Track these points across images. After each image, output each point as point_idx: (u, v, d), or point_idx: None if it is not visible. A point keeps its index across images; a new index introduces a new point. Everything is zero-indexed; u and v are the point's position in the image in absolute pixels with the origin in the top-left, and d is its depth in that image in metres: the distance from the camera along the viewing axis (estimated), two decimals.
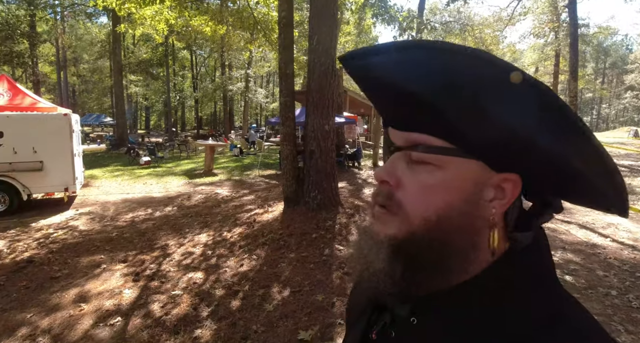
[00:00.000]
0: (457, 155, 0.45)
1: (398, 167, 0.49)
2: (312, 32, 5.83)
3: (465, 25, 19.67)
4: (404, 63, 0.44)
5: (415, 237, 0.46)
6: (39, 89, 23.78)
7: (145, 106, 42.78)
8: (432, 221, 0.45)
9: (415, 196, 0.47)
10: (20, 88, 8.69)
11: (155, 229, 6.00)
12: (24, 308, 3.48)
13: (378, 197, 0.50)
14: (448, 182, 0.45)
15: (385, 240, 0.48)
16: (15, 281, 4.08)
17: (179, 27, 10.89)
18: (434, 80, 0.42)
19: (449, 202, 0.45)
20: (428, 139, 0.45)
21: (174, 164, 14.65)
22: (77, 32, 31.15)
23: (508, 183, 0.46)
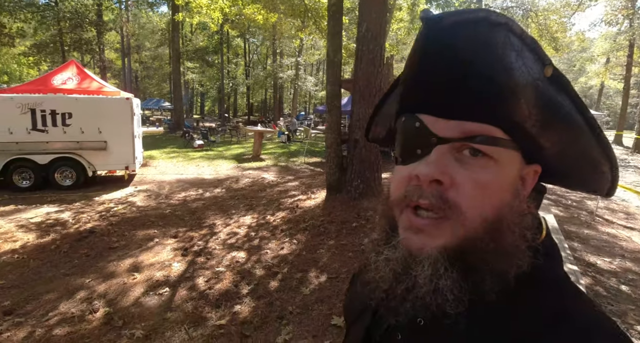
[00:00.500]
0: (511, 148, 0.44)
1: (447, 163, 0.43)
2: (362, 19, 5.75)
3: (529, 11, 18.25)
4: (500, 47, 0.40)
5: (472, 242, 0.42)
6: (105, 74, 25.58)
7: (201, 92, 44.61)
8: (489, 221, 0.42)
9: (473, 195, 0.42)
10: (88, 73, 9.43)
11: (204, 209, 6.33)
12: (83, 274, 3.86)
13: (422, 200, 0.43)
14: (503, 177, 0.43)
15: (434, 253, 0.43)
16: (78, 249, 4.52)
17: (233, 15, 11.18)
18: (522, 70, 0.41)
19: (503, 198, 0.43)
20: (489, 129, 0.42)
21: (225, 148, 15.24)
22: (140, 21, 32.96)
23: (530, 174, 0.47)
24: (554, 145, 0.45)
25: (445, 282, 0.42)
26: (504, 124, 0.42)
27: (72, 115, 7.41)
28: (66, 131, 7.41)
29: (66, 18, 22.38)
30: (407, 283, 0.44)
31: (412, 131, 0.46)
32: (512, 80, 0.40)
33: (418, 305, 0.43)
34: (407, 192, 0.45)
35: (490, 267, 0.42)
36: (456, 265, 0.42)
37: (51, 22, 22.70)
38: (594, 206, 6.84)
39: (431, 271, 0.42)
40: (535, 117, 0.43)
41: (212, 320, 3.08)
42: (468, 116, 0.42)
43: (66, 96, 7.84)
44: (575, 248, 4.82)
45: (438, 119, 0.43)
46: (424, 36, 0.41)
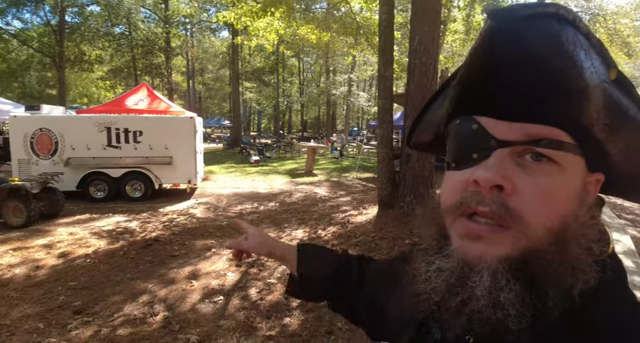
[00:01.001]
0: (576, 154, 0.41)
1: (508, 167, 0.40)
2: (414, 32, 5.71)
3: (596, 16, 16.97)
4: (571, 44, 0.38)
5: (536, 253, 0.39)
6: (172, 95, 27.73)
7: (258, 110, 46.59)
8: (554, 231, 0.39)
9: (537, 203, 0.39)
10: (157, 94, 10.33)
11: (259, 221, 6.52)
12: (147, 279, 4.13)
13: (481, 206, 0.40)
14: (568, 185, 0.41)
15: (494, 263, 0.40)
16: (143, 256, 4.86)
17: (288, 36, 11.67)
18: (591, 70, 0.38)
19: (569, 207, 0.41)
20: (555, 132, 0.40)
21: (279, 163, 15.69)
22: (203, 46, 35.48)
23: (592, 183, 0.45)
24: (620, 152, 0.43)
25: (507, 295, 0.38)
26: (571, 127, 0.40)
27: (142, 133, 8.10)
28: (137, 147, 8.10)
29: (139, 45, 24.86)
30: (462, 295, 0.41)
31: (468, 134, 0.43)
32: (582, 80, 0.38)
33: (475, 319, 0.41)
34: (463, 198, 0.42)
35: (554, 281, 0.39)
36: (519, 277, 0.39)
37: (126, 50, 25.35)
38: None
39: (490, 282, 0.39)
40: (603, 120, 0.40)
41: (262, 330, 3.13)
42: (533, 118, 0.40)
43: (137, 116, 8.62)
44: None
45: (499, 121, 0.41)
46: (492, 30, 0.38)
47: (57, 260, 4.68)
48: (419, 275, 0.47)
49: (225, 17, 9.39)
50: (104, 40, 24.25)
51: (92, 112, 9.38)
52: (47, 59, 24.32)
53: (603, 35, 16.42)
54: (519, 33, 0.37)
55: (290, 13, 9.82)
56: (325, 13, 11.22)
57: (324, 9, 11.74)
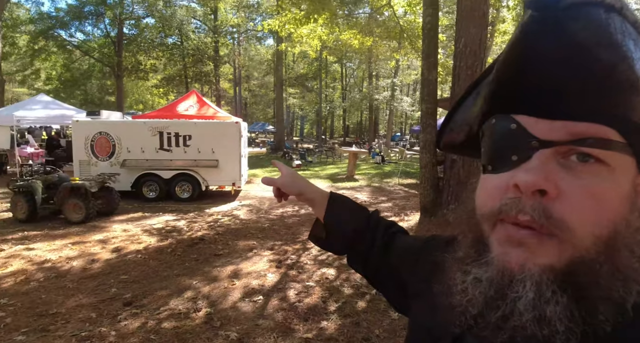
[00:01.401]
0: (625, 152, 0.37)
1: (551, 169, 0.37)
2: (459, 34, 5.56)
3: None
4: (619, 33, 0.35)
5: (584, 263, 0.36)
6: (219, 102, 28.93)
7: (300, 116, 47.33)
8: (603, 239, 0.36)
9: (584, 209, 0.36)
10: (206, 101, 10.83)
11: (299, 225, 6.59)
12: (192, 276, 4.31)
13: (522, 215, 0.37)
14: (619, 187, 0.37)
15: (538, 272, 0.37)
16: (189, 253, 5.07)
17: (331, 42, 11.79)
18: (634, 58, 0.35)
19: (620, 212, 0.37)
20: (602, 130, 0.36)
21: (320, 168, 15.79)
22: (249, 54, 36.66)
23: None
24: None
25: (553, 309, 0.35)
26: (620, 124, 0.36)
27: (191, 137, 8.50)
28: (186, 151, 8.51)
29: (189, 54, 26.22)
30: (504, 310, 0.38)
31: (506, 134, 0.40)
32: (632, 72, 0.34)
33: (519, 337, 0.37)
34: (503, 205, 0.39)
35: (605, 293, 0.36)
36: (565, 288, 0.36)
37: (178, 59, 26.83)
38: None
39: (534, 294, 0.36)
40: None
41: (300, 332, 3.16)
42: (578, 115, 0.36)
43: (187, 121, 9.08)
44: None
45: (539, 119, 0.38)
46: (532, 20, 0.35)
47: (111, 255, 5.01)
48: (454, 285, 0.44)
49: (270, 25, 9.68)
50: (158, 50, 25.89)
51: (146, 118, 10.03)
52: (107, 68, 26.32)
53: None
54: (562, 23, 0.34)
55: (333, 19, 9.92)
56: (368, 18, 11.22)
57: (367, 14, 11.75)
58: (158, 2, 23.38)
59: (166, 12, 24.10)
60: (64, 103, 14.64)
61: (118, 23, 24.00)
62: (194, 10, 27.40)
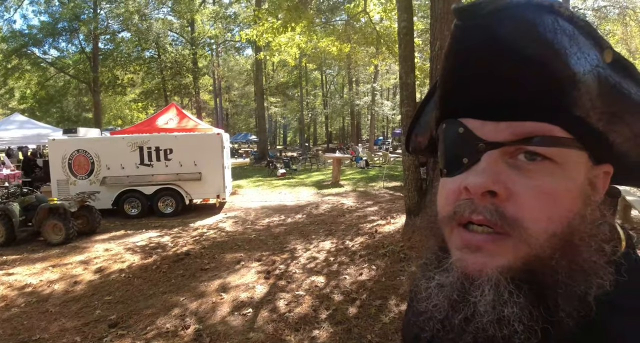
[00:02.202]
0: (575, 148, 0.38)
1: (500, 170, 0.37)
2: (434, 38, 5.67)
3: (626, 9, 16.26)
4: (550, 31, 0.35)
5: (541, 261, 0.37)
6: (200, 113, 28.72)
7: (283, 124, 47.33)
8: (558, 236, 0.36)
9: (535, 207, 0.36)
10: (186, 113, 10.72)
11: (286, 234, 6.54)
12: (178, 292, 4.22)
13: (475, 215, 0.38)
14: (570, 183, 0.38)
15: (496, 275, 0.37)
16: (175, 269, 4.97)
17: (309, 49, 11.86)
18: (578, 56, 0.35)
19: (573, 207, 0.37)
20: (547, 128, 0.37)
21: (306, 175, 15.77)
22: (228, 64, 36.58)
23: (600, 177, 0.42)
24: (626, 140, 0.39)
25: (511, 309, 0.35)
26: (564, 121, 0.37)
27: (172, 150, 8.39)
28: (168, 165, 8.39)
29: (168, 67, 26.03)
30: (465, 312, 0.38)
31: (456, 138, 0.41)
32: (568, 68, 0.35)
33: (481, 338, 0.38)
34: (456, 207, 0.40)
35: (564, 288, 0.36)
36: (523, 288, 0.36)
37: (156, 72, 26.62)
38: None
39: (493, 296, 0.36)
40: (600, 109, 0.37)
41: None
42: (520, 115, 0.37)
43: (168, 134, 8.96)
44: None
45: (485, 122, 0.39)
46: (460, 29, 0.36)
47: (94, 276, 4.86)
48: (419, 292, 0.44)
49: (248, 35, 9.68)
50: (135, 64, 25.61)
51: (125, 133, 9.83)
52: (83, 84, 25.85)
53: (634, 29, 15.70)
54: (487, 29, 0.35)
55: (311, 27, 9.99)
56: (345, 25, 11.34)
57: (344, 21, 11.87)
58: (133, 16, 23.15)
59: (142, 26, 23.86)
60: (40, 122, 14.28)
61: (93, 38, 23.66)
62: (171, 23, 27.20)
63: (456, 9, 0.36)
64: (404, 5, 5.86)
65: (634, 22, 15.98)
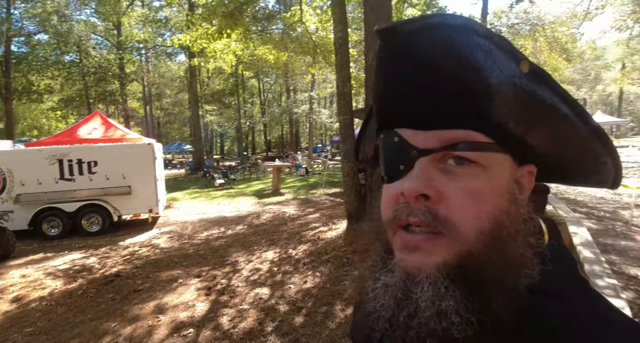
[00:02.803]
0: (497, 151, 0.41)
1: (432, 175, 0.41)
2: (368, 49, 5.90)
3: (536, 26, 18.37)
4: (465, 48, 0.38)
5: (473, 257, 0.39)
6: (128, 122, 26.91)
7: (220, 133, 46.04)
8: (487, 232, 0.39)
9: (464, 207, 0.39)
10: (112, 122, 9.97)
11: (227, 246, 6.32)
12: (109, 318, 3.86)
13: (412, 217, 0.41)
14: (495, 184, 0.41)
15: (433, 271, 0.40)
16: (104, 293, 4.55)
17: (246, 57, 11.72)
18: (493, 69, 0.38)
19: (499, 206, 0.41)
20: (470, 135, 0.40)
21: (245, 185, 15.45)
22: (159, 70, 34.90)
23: (525, 176, 0.45)
24: (544, 142, 0.43)
25: (448, 303, 0.38)
26: (485, 127, 0.40)
27: (97, 163, 7.73)
28: (92, 179, 7.70)
29: (90, 73, 24.05)
30: (409, 309, 0.40)
31: (392, 147, 0.44)
32: (483, 81, 0.38)
33: (423, 332, 0.40)
34: (395, 211, 0.43)
35: (496, 281, 0.39)
36: (458, 283, 0.39)
37: (77, 78, 24.45)
38: (629, 215, 6.49)
39: (432, 292, 0.39)
40: (518, 115, 0.41)
41: None
42: (445, 124, 0.40)
43: (91, 145, 8.24)
44: (614, 261, 4.54)
45: (416, 131, 0.42)
46: (381, 49, 0.41)
47: (10, 306, 4.30)
48: (367, 293, 0.46)
49: (181, 40, 9.31)
50: (54, 69, 23.26)
51: (42, 144, 8.87)
52: None
53: (543, 44, 17.72)
54: (407, 48, 0.39)
55: (247, 34, 9.89)
56: (282, 33, 11.39)
57: (280, 30, 11.92)
58: (52, 17, 21.10)
59: (61, 28, 21.83)
60: None
61: (5, 41, 21.12)
62: (94, 25, 25.27)
63: (378, 30, 0.40)
64: (339, 17, 6.04)
65: (542, 38, 18.04)
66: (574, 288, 0.43)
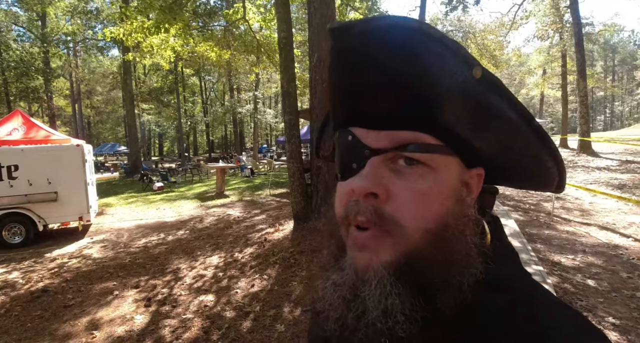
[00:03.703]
0: (446, 154, 0.42)
1: (382, 174, 0.41)
2: (312, 50, 5.93)
3: (468, 33, 19.75)
4: (417, 52, 0.38)
5: (418, 255, 0.40)
6: (54, 122, 24.64)
7: (158, 133, 43.74)
8: (432, 232, 0.40)
9: (411, 207, 0.40)
10: (35, 122, 9.01)
11: (168, 253, 6.01)
12: (37, 338, 3.49)
13: (360, 216, 0.41)
14: (442, 185, 0.41)
15: (381, 270, 0.40)
16: (30, 311, 4.11)
17: (186, 54, 11.22)
18: (435, 72, 0.38)
19: (445, 206, 0.41)
20: (420, 137, 0.40)
21: (187, 188, 14.82)
22: (89, 66, 32.35)
23: (474, 178, 0.46)
24: (491, 147, 0.44)
25: (393, 301, 0.38)
26: (434, 130, 0.40)
27: (18, 167, 6.95)
28: (13, 185, 6.91)
29: (11, 67, 21.65)
30: (357, 309, 0.40)
31: (346, 145, 0.44)
32: (433, 86, 0.39)
33: (371, 333, 0.39)
34: (346, 209, 0.43)
35: (442, 280, 0.39)
36: (404, 281, 0.39)
37: None
38: (551, 207, 7.17)
39: (380, 291, 0.39)
40: (466, 120, 0.41)
41: None
42: (396, 125, 0.40)
43: (11, 147, 7.37)
44: (539, 249, 4.98)
45: (369, 130, 0.42)
46: (334, 49, 0.41)
47: None
48: (317, 292, 0.46)
49: (114, 33, 8.67)
50: None
51: None
52: None
53: (474, 50, 19.07)
54: (358, 49, 0.39)
55: (187, 30, 9.46)
56: (224, 30, 11.06)
57: (223, 27, 11.56)
58: None
59: None
60: None
61: None
62: (16, 15, 22.76)
63: (330, 29, 0.39)
64: (283, 16, 6.00)
65: (473, 45, 19.38)
66: (517, 283, 0.44)
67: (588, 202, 7.90)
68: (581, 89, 15.53)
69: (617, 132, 32.09)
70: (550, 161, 0.46)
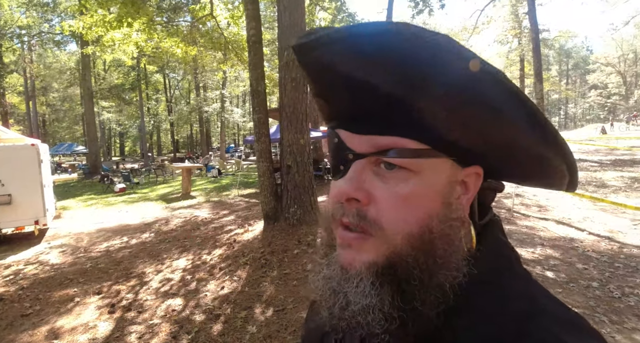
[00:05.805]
0: (432, 156, 0.40)
1: (365, 178, 0.41)
2: (282, 48, 5.90)
3: None
4: (375, 54, 0.37)
5: (399, 257, 0.40)
6: (7, 120, 23.09)
7: (119, 132, 41.97)
8: (414, 235, 0.40)
9: (392, 211, 0.40)
10: None
11: (132, 257, 5.78)
12: None
13: (344, 218, 0.42)
14: (426, 188, 0.40)
15: (362, 269, 0.41)
16: None
17: (149, 49, 10.83)
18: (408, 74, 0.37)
19: (429, 209, 0.41)
20: (400, 141, 0.39)
21: (150, 189, 14.32)
22: (45, 61, 30.54)
23: (471, 176, 0.44)
24: (487, 145, 0.42)
25: (372, 299, 0.40)
26: (416, 134, 0.39)
27: None
28: None
29: None
30: (341, 302, 0.42)
31: (334, 147, 0.44)
32: (409, 89, 0.37)
33: (352, 324, 0.41)
34: (333, 210, 0.44)
35: (421, 281, 0.40)
36: (384, 281, 0.40)
37: None
38: (511, 203, 7.51)
39: (362, 288, 0.40)
40: (456, 120, 0.39)
41: None
42: (377, 130, 0.40)
43: None
44: None
45: (353, 134, 0.42)
46: (302, 64, 0.42)
47: None
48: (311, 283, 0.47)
49: (72, 26, 8.22)
50: None
51: None
52: None
53: None
54: (323, 61, 0.39)
55: (151, 25, 9.13)
56: (191, 26, 10.76)
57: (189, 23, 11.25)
58: None
59: None
60: None
61: None
62: None
63: (294, 46, 0.40)
64: (252, 14, 5.92)
65: None
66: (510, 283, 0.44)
67: (545, 199, 8.33)
68: (538, 92, 16.37)
69: (571, 133, 34.09)
70: (558, 160, 0.44)
